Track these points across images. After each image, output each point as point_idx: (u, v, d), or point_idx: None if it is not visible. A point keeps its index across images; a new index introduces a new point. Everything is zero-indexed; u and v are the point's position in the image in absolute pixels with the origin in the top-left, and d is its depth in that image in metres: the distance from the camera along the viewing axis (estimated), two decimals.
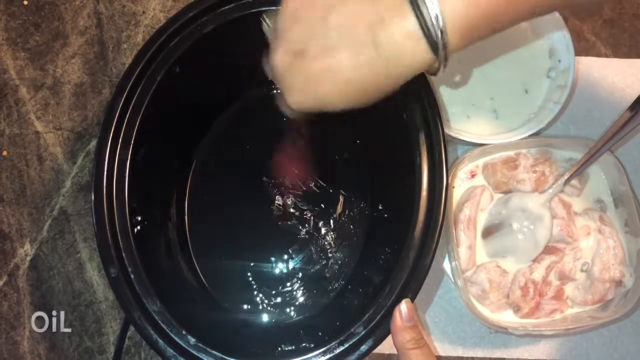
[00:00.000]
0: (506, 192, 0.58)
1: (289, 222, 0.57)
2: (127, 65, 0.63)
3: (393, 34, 0.34)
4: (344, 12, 0.35)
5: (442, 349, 0.59)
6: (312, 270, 0.56)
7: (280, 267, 0.56)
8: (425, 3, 0.33)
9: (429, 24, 0.33)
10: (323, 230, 0.57)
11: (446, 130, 0.53)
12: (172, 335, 0.43)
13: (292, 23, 0.38)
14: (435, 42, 0.34)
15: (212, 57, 0.51)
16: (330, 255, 0.57)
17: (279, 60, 0.39)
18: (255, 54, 0.52)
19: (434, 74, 0.38)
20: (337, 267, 0.56)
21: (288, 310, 0.55)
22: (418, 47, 0.34)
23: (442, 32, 0.33)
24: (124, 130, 0.46)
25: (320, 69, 0.36)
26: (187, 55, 0.48)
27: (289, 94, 0.39)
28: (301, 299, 0.56)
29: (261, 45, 0.52)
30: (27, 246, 0.60)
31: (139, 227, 0.46)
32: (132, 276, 0.44)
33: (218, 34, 0.49)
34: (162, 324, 0.43)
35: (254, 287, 0.56)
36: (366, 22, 0.34)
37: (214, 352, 0.43)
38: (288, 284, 0.56)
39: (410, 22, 0.34)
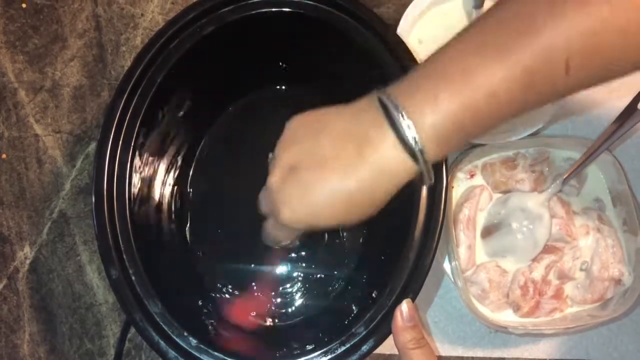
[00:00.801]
0: (505, 192, 0.58)
1: None
2: (126, 68, 0.63)
3: (378, 152, 0.36)
4: (334, 132, 0.38)
5: (442, 349, 0.59)
6: (312, 271, 0.56)
7: (280, 269, 0.56)
8: (402, 125, 0.35)
9: (408, 142, 0.35)
10: (326, 232, 0.57)
11: None
12: (174, 337, 0.43)
13: (288, 146, 0.40)
14: (416, 156, 0.36)
15: (212, 59, 0.51)
16: (330, 256, 0.57)
17: (274, 180, 0.40)
18: (255, 56, 0.53)
19: (424, 184, 0.41)
20: (337, 267, 0.56)
21: (289, 311, 0.55)
22: (402, 162, 0.36)
23: (421, 150, 0.35)
24: (124, 132, 0.46)
25: (312, 179, 0.38)
26: (186, 57, 0.48)
27: (281, 209, 0.39)
28: (301, 300, 0.56)
29: (260, 47, 0.52)
30: (27, 249, 0.60)
31: (139, 229, 0.46)
32: (133, 278, 0.44)
33: (217, 35, 0.49)
34: (163, 326, 0.43)
35: (255, 288, 0.56)
36: (353, 140, 0.37)
37: (215, 353, 0.43)
38: (288, 285, 0.56)
39: (391, 141, 0.36)
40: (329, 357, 0.43)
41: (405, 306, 0.43)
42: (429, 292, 0.60)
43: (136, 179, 0.47)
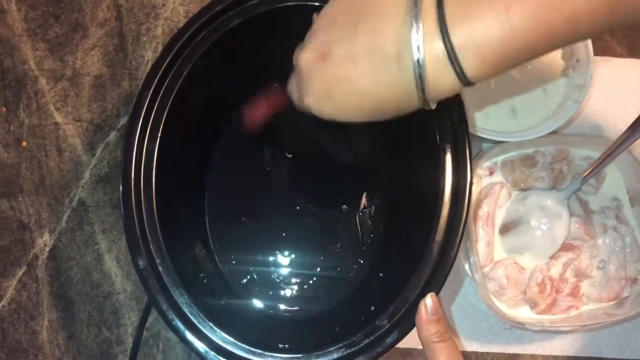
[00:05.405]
0: (524, 190, 0.58)
1: (311, 218, 0.57)
2: (146, 58, 0.64)
3: (419, 54, 0.33)
4: (375, 24, 0.35)
5: (457, 344, 0.59)
6: (332, 264, 0.57)
7: (301, 262, 0.57)
8: (454, 33, 0.32)
9: (457, 54, 0.32)
10: (344, 226, 0.57)
11: None
12: (200, 327, 0.43)
13: (326, 25, 0.38)
14: (462, 72, 0.33)
15: (239, 51, 0.51)
16: (349, 249, 0.57)
17: (305, 57, 0.38)
18: (283, 48, 0.52)
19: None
20: (357, 262, 0.57)
21: (310, 304, 0.56)
22: (443, 72, 0.33)
23: (467, 64, 0.32)
24: (152, 123, 0.46)
25: (340, 75, 0.36)
26: (213, 50, 0.48)
27: (305, 92, 0.39)
28: (322, 293, 0.56)
29: (289, 39, 0.52)
30: (46, 237, 0.61)
31: (164, 219, 0.47)
32: (160, 268, 0.44)
33: (244, 28, 0.49)
34: (190, 316, 0.43)
35: (277, 281, 0.56)
36: (395, 38, 0.34)
37: (241, 344, 0.43)
38: (310, 278, 0.56)
39: (438, 47, 0.32)
40: (353, 349, 0.44)
41: (429, 300, 0.43)
42: (451, 288, 0.60)
43: (162, 169, 0.47)
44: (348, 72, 0.36)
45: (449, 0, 0.32)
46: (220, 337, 0.44)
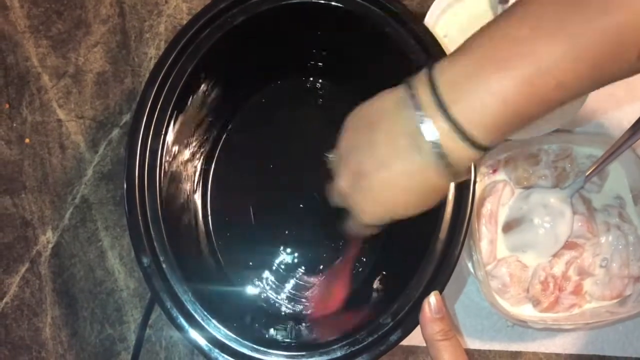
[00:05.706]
0: (527, 188, 0.58)
1: (313, 216, 0.57)
2: (149, 55, 0.64)
3: (431, 138, 0.36)
4: (384, 128, 0.38)
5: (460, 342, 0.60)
6: (335, 264, 0.57)
7: (304, 260, 0.57)
8: (456, 113, 0.34)
9: (464, 128, 0.35)
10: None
11: None
12: (204, 324, 0.43)
13: (346, 152, 0.41)
14: (474, 142, 0.35)
15: (243, 48, 0.51)
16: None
17: (343, 185, 0.42)
18: (287, 45, 0.53)
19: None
20: (359, 260, 0.57)
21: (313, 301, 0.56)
22: (459, 146, 0.36)
23: (476, 134, 0.35)
24: (155, 120, 0.46)
25: (379, 184, 0.39)
26: (217, 47, 0.48)
27: (358, 211, 0.42)
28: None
29: (291, 38, 0.52)
30: (49, 233, 0.61)
31: (168, 217, 0.47)
32: (163, 265, 0.44)
33: (248, 26, 0.49)
34: (194, 313, 0.43)
35: (280, 278, 0.56)
36: (405, 132, 0.37)
37: (244, 341, 0.43)
38: (312, 278, 0.56)
39: (446, 127, 0.35)
40: (357, 347, 0.44)
41: (433, 298, 0.43)
42: (454, 286, 0.60)
43: (166, 168, 0.47)
44: (384, 177, 0.39)
45: (443, 85, 0.35)
46: (224, 334, 0.44)
